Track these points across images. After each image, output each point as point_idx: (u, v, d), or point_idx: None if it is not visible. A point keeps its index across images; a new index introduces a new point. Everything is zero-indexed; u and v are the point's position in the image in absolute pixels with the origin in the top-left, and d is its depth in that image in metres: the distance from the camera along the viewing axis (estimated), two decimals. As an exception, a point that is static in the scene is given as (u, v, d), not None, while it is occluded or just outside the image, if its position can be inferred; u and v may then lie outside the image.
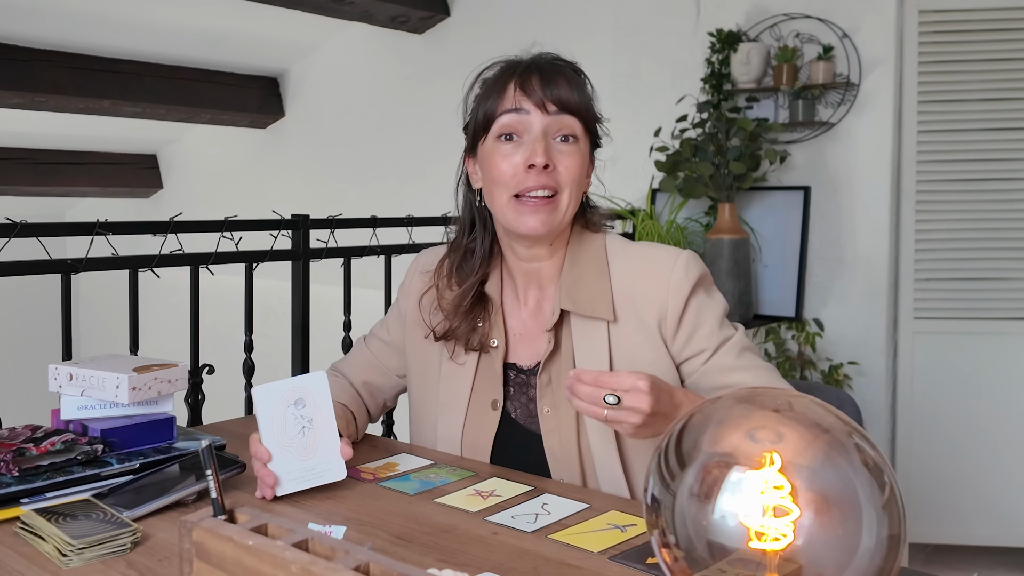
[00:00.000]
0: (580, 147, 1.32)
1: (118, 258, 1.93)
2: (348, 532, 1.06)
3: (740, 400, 0.89)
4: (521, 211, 1.30)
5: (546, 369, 1.34)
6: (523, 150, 1.29)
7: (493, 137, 1.32)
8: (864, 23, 3.16)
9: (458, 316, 1.38)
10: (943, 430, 3.27)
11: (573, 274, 1.35)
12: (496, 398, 1.38)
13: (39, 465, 1.17)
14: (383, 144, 4.62)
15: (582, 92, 1.32)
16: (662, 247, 1.38)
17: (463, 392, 1.39)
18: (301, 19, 4.13)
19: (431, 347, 1.44)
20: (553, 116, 1.29)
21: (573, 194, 1.31)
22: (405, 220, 2.52)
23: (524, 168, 1.29)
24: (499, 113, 1.31)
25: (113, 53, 4.42)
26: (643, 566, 0.99)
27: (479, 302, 1.40)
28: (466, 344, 1.39)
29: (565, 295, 1.33)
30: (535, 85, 1.29)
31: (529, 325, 1.39)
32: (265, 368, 2.40)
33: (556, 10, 3.86)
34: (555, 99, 1.29)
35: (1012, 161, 3.21)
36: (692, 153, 3.08)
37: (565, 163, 1.30)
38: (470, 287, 1.39)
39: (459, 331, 1.38)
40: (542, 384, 1.34)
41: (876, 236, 3.20)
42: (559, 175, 1.29)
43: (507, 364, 1.39)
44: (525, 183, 1.29)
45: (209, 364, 2.08)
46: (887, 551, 0.79)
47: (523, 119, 1.30)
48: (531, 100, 1.29)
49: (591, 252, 1.37)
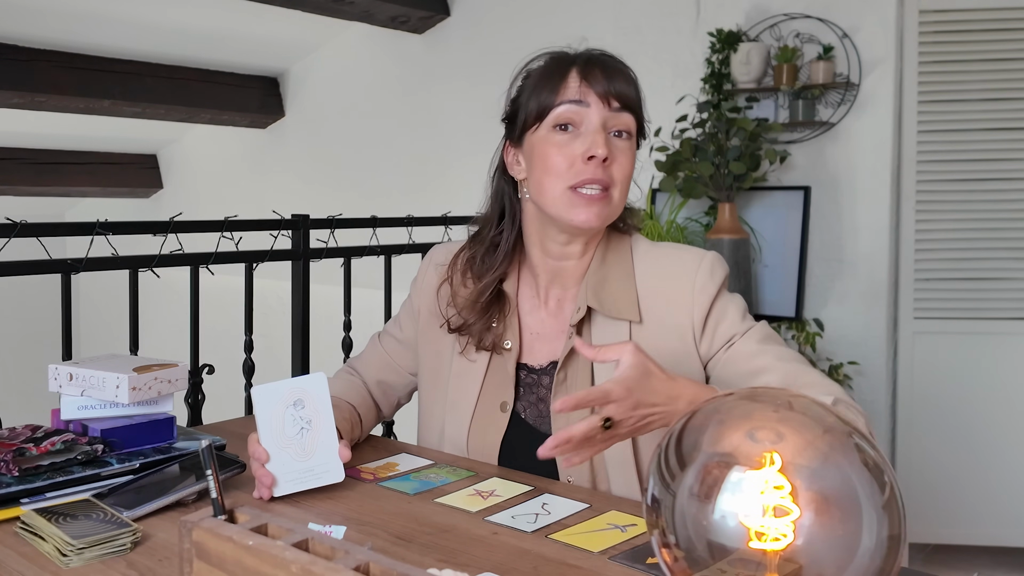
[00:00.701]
0: (632, 144, 1.32)
1: (118, 258, 1.93)
2: (348, 532, 1.06)
3: (740, 400, 0.89)
4: (576, 202, 1.28)
5: (563, 367, 1.33)
6: (581, 141, 1.28)
7: (548, 127, 1.30)
8: (864, 23, 3.16)
9: (474, 313, 1.37)
10: (943, 430, 3.27)
11: (600, 274, 1.35)
12: (506, 400, 1.37)
13: (39, 465, 1.17)
14: (383, 144, 4.62)
15: (638, 91, 1.32)
16: (686, 248, 1.38)
17: (471, 392, 1.38)
18: (301, 19, 4.13)
19: (444, 342, 1.43)
20: (614, 111, 1.28)
21: (624, 191, 1.31)
22: (405, 220, 2.52)
23: (583, 159, 1.27)
24: (558, 103, 1.29)
25: (113, 53, 4.42)
26: (643, 566, 0.99)
27: (495, 301, 1.39)
28: (478, 343, 1.38)
29: (591, 294, 1.33)
30: (600, 77, 1.28)
31: (548, 324, 1.39)
32: (265, 368, 2.40)
33: (556, 10, 3.86)
34: (618, 94, 1.28)
35: (1012, 161, 3.21)
36: (692, 153, 3.08)
37: (621, 159, 1.29)
38: (490, 283, 1.37)
39: (473, 328, 1.38)
40: (558, 382, 1.34)
41: (876, 236, 3.20)
42: (614, 171, 1.29)
43: (518, 364, 1.38)
44: (582, 175, 1.27)
45: (209, 364, 2.08)
46: (887, 551, 0.79)
47: (583, 111, 1.28)
48: (594, 92, 1.28)
49: (617, 253, 1.37)
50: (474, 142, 4.15)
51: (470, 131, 4.15)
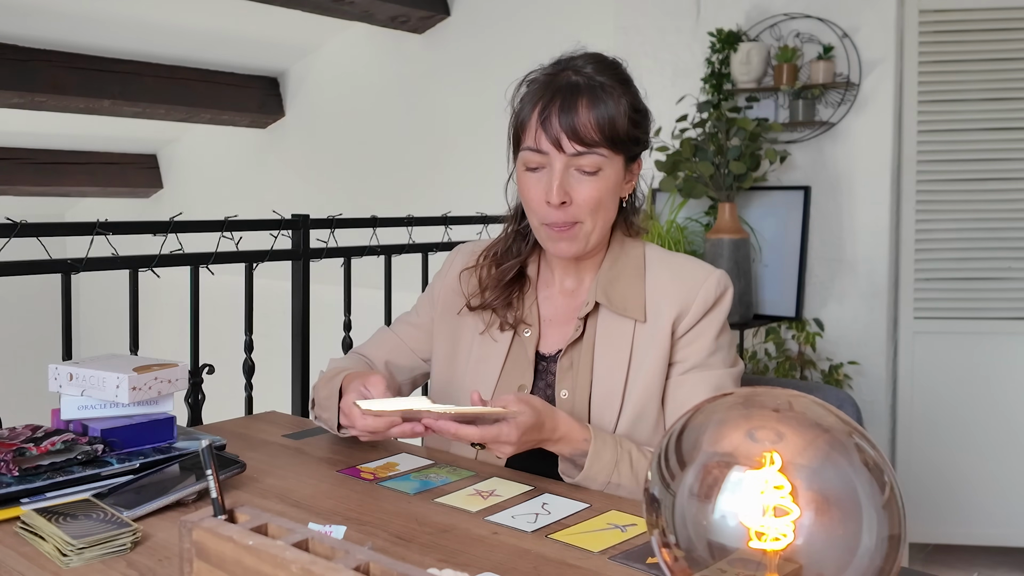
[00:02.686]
0: (604, 173, 1.31)
1: (118, 258, 1.93)
2: (348, 532, 1.06)
3: (740, 400, 0.89)
4: (550, 236, 1.35)
5: (568, 354, 1.38)
6: (544, 184, 1.32)
7: (521, 161, 1.35)
8: (864, 23, 3.16)
9: (496, 289, 1.43)
10: (943, 430, 3.27)
11: (611, 273, 1.39)
12: (525, 384, 1.40)
13: (39, 465, 1.17)
14: (383, 144, 4.62)
15: (606, 111, 1.29)
16: (700, 262, 1.42)
17: (491, 375, 1.42)
18: (301, 19, 4.13)
19: (462, 326, 1.47)
20: (572, 156, 1.30)
21: (597, 219, 1.34)
22: (405, 220, 2.52)
23: (544, 202, 1.32)
24: (523, 147, 1.34)
25: (113, 53, 4.42)
26: (643, 566, 0.99)
27: (516, 280, 1.44)
28: (501, 320, 1.42)
29: (600, 290, 1.38)
30: (552, 122, 1.29)
31: (561, 310, 1.43)
32: (265, 368, 2.40)
33: (556, 10, 3.86)
34: (574, 137, 1.28)
35: (1012, 161, 3.21)
36: (692, 153, 3.08)
37: (584, 194, 1.31)
38: (513, 264, 1.44)
39: (495, 303, 1.42)
40: (562, 368, 1.38)
41: (876, 236, 3.20)
42: (577, 207, 1.31)
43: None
44: (548, 216, 1.33)
45: (209, 364, 2.08)
46: (887, 551, 0.79)
47: (543, 157, 1.31)
48: (548, 139, 1.29)
49: (630, 257, 1.41)
50: (474, 142, 4.15)
51: (470, 131, 4.15)
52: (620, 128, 1.30)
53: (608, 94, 1.30)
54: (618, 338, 1.36)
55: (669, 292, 1.37)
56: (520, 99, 1.36)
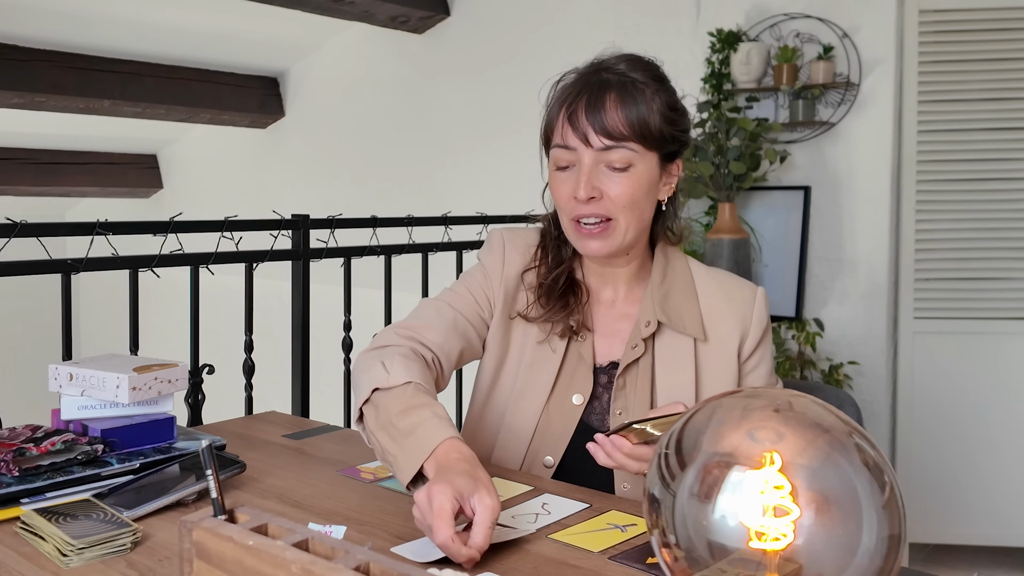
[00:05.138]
0: (636, 170, 1.28)
1: (118, 258, 1.93)
2: (348, 532, 1.06)
3: (740, 400, 0.89)
4: (581, 234, 1.31)
5: (623, 374, 1.34)
6: (574, 181, 1.29)
7: (551, 160, 1.33)
8: (864, 23, 3.16)
9: (551, 300, 1.37)
10: (943, 430, 3.27)
11: (663, 288, 1.36)
12: (583, 392, 1.35)
13: (39, 465, 1.17)
14: (383, 144, 4.62)
15: (635, 105, 1.27)
16: (738, 277, 1.42)
17: (545, 382, 1.36)
18: (301, 19, 4.13)
19: (517, 331, 1.40)
20: (601, 151, 1.27)
21: (631, 218, 1.29)
22: (405, 220, 2.52)
23: (572, 198, 1.29)
24: (553, 144, 1.31)
25: (113, 53, 4.43)
26: (643, 566, 0.99)
27: (570, 288, 1.39)
28: (564, 326, 1.36)
29: (658, 307, 1.34)
30: (580, 118, 1.27)
31: (603, 321, 1.39)
32: (265, 368, 2.40)
33: (556, 10, 3.86)
34: (602, 131, 1.26)
35: (1012, 161, 3.21)
36: (692, 153, 3.08)
37: (615, 191, 1.27)
38: (564, 270, 1.39)
39: (556, 317, 1.36)
40: (618, 387, 1.34)
41: (876, 236, 3.19)
42: (609, 203, 1.28)
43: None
44: (578, 210, 1.29)
45: (209, 364, 2.08)
46: (887, 551, 0.79)
47: (573, 154, 1.29)
48: (576, 136, 1.27)
49: (676, 269, 1.39)
50: (474, 142, 4.16)
51: (470, 131, 4.15)
52: (652, 124, 1.27)
53: (640, 91, 1.28)
54: (681, 357, 1.34)
55: (723, 310, 1.36)
56: (551, 99, 1.34)
